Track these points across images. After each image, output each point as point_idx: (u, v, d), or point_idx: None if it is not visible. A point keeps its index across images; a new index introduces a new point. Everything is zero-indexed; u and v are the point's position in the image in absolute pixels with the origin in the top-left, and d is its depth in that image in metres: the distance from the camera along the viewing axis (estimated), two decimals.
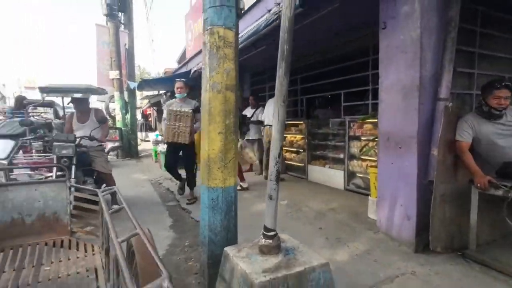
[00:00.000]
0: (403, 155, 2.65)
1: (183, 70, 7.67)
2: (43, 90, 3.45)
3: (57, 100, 6.61)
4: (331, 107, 6.39)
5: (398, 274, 2.25)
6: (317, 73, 5.54)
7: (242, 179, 4.97)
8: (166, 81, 8.04)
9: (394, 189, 2.77)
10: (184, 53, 12.96)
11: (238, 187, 5.06)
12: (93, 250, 2.12)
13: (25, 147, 3.62)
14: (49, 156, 3.81)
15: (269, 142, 5.37)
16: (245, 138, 6.22)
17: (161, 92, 10.10)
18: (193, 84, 5.58)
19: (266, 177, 5.42)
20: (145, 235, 1.34)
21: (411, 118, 2.56)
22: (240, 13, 2.07)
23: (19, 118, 3.79)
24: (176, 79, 4.20)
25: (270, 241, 1.64)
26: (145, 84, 7.72)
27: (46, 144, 3.50)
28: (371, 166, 3.51)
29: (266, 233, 1.65)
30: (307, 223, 3.36)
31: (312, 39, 4.48)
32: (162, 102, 8.49)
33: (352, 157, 4.54)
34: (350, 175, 4.60)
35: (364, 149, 3.58)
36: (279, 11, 3.05)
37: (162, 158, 6.19)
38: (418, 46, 2.46)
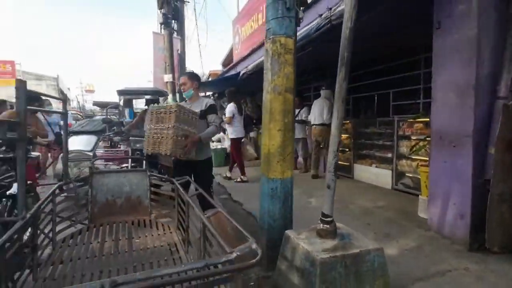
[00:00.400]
0: (457, 153, 2.66)
1: (232, 72, 8.10)
2: (120, 93, 4.02)
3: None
4: (377, 106, 6.34)
5: (450, 269, 2.30)
6: (364, 72, 5.56)
7: (243, 173, 5.43)
8: (215, 84, 8.57)
9: (446, 187, 2.79)
10: (228, 56, 13.53)
11: (238, 179, 5.43)
12: (169, 229, 2.49)
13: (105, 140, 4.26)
14: (121, 149, 4.40)
15: (316, 141, 5.59)
16: None
17: (208, 93, 10.72)
18: (240, 85, 5.94)
19: (313, 176, 5.56)
20: (224, 213, 1.65)
21: (466, 116, 2.56)
22: (298, 22, 2.30)
23: (101, 117, 4.47)
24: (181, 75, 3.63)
25: (328, 226, 1.84)
26: None
27: (124, 139, 4.05)
28: (422, 165, 3.50)
29: (324, 218, 1.86)
30: (354, 219, 3.47)
31: (361, 38, 4.53)
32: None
33: (400, 156, 4.51)
34: (399, 175, 4.57)
35: (415, 148, 3.58)
36: (330, 16, 3.22)
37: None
38: (475, 45, 2.46)
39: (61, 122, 6.25)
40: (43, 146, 3.47)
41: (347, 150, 5.77)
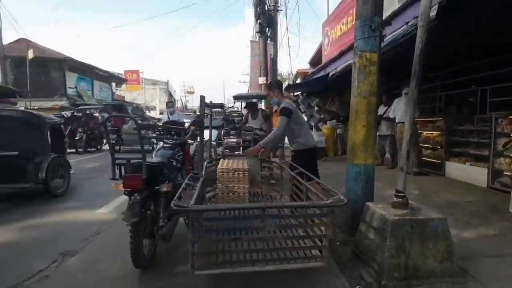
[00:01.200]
0: None
1: (321, 73, 8.69)
2: (235, 97, 5.24)
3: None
4: (473, 103, 6.03)
5: None
6: (457, 69, 5.45)
7: None
8: (306, 84, 9.35)
9: None
10: (316, 55, 14.02)
11: None
12: (275, 199, 3.41)
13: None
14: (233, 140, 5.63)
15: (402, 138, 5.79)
16: (377, 133, 6.70)
17: (296, 93, 11.57)
18: (332, 87, 6.53)
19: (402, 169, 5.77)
20: (319, 181, 2.42)
21: None
22: (382, 39, 2.86)
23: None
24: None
25: (400, 199, 2.40)
26: (290, 87, 9.33)
27: (237, 132, 5.23)
28: None
29: (398, 193, 2.42)
30: (436, 209, 3.71)
31: (452, 38, 4.58)
32: (299, 101, 9.93)
33: (498, 154, 4.40)
34: (495, 173, 4.46)
35: (509, 146, 3.59)
36: (416, 24, 3.57)
37: None
38: None
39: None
40: None
41: (438, 147, 5.74)
